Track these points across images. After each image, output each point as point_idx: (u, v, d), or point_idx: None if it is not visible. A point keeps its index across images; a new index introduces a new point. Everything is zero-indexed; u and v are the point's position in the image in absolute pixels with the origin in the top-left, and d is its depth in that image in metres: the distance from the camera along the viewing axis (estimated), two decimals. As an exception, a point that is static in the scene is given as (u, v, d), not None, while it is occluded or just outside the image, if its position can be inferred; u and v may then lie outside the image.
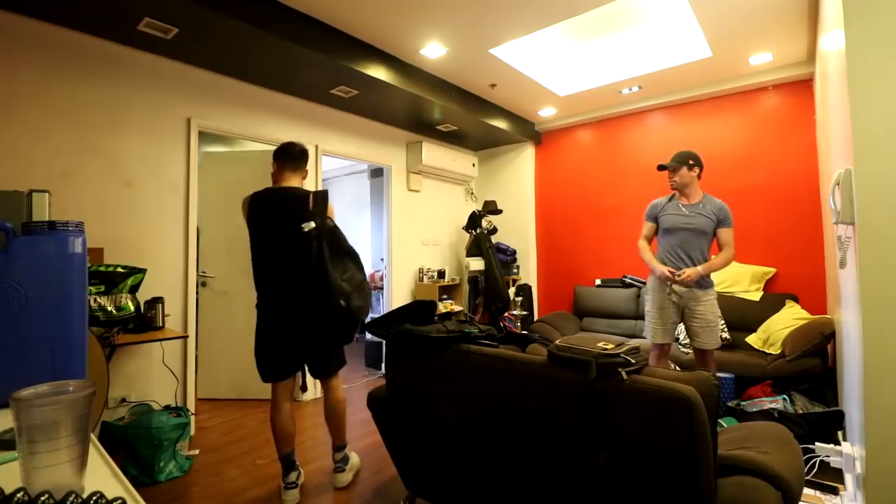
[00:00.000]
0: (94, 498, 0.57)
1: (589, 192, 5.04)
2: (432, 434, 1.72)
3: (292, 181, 2.27)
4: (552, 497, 1.37)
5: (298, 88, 3.66)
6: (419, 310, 1.82)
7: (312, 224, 2.08)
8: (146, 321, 2.67)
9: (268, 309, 2.20)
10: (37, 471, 0.63)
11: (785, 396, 2.83)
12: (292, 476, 2.21)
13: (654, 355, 2.81)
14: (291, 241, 2.10)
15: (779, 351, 3.25)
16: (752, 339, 3.55)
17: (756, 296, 3.84)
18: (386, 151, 4.65)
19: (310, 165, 3.81)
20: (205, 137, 3.73)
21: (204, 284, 3.74)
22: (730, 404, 2.88)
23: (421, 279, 4.84)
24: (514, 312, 4.73)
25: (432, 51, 3.44)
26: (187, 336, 3.02)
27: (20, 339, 1.07)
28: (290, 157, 2.27)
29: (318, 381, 2.51)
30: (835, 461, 1.85)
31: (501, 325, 4.78)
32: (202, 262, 3.80)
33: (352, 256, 2.22)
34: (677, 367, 3.42)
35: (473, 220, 5.01)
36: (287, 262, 2.12)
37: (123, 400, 2.78)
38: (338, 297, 2.07)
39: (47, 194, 1.85)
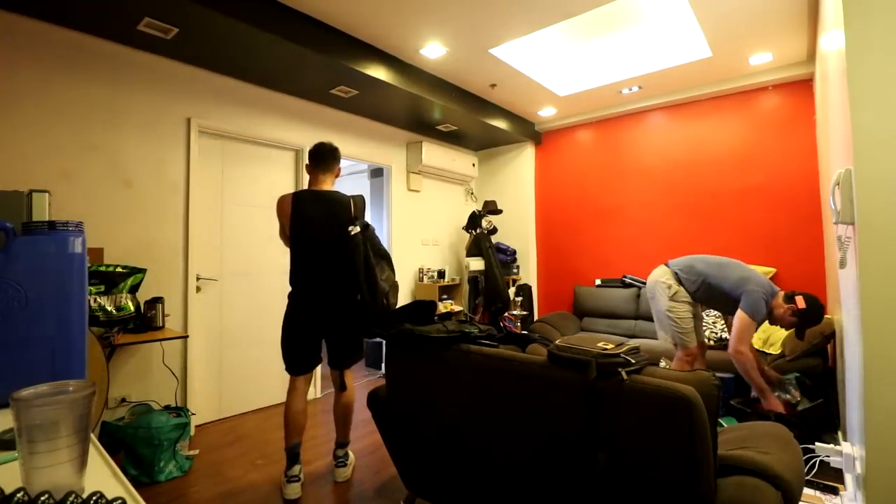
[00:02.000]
0: (94, 498, 0.57)
1: (589, 192, 5.04)
2: (432, 434, 1.72)
3: (327, 183, 2.42)
4: (552, 497, 1.37)
5: (298, 88, 3.66)
6: (419, 310, 1.82)
7: (357, 228, 2.27)
8: (146, 321, 2.67)
9: (302, 302, 2.33)
10: (37, 471, 0.63)
11: (797, 374, 2.83)
12: (295, 469, 2.26)
13: (689, 360, 2.82)
14: (337, 242, 2.27)
15: (779, 351, 3.25)
16: (753, 339, 3.54)
17: (756, 296, 3.83)
18: (386, 151, 4.65)
19: (310, 165, 3.83)
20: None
21: (198, 290, 3.26)
22: (733, 402, 2.88)
23: (421, 279, 4.84)
24: (514, 312, 4.73)
25: (432, 51, 3.44)
26: (187, 336, 3.02)
27: (20, 339, 1.07)
28: (320, 158, 2.40)
29: (318, 385, 2.55)
30: (835, 461, 1.85)
31: (501, 325, 4.78)
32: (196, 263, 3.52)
33: (387, 259, 2.39)
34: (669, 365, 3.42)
35: (473, 220, 5.01)
36: (331, 261, 2.29)
37: (123, 400, 2.78)
38: (381, 297, 2.26)
39: (47, 194, 1.85)
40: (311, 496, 2.26)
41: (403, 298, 4.71)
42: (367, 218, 2.49)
